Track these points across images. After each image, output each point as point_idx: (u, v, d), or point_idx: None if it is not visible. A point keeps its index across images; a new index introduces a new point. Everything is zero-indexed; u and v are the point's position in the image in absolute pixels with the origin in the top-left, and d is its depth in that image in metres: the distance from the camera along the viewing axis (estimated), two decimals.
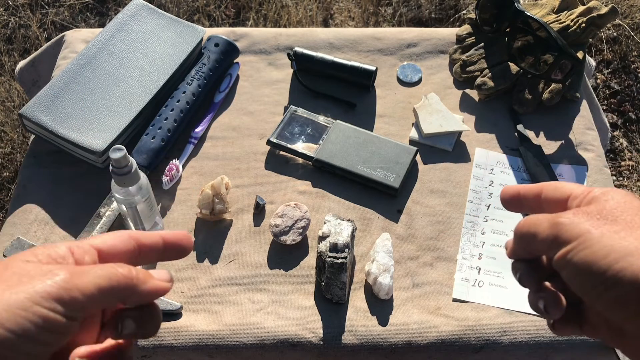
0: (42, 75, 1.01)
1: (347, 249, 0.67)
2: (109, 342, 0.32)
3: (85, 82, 0.83)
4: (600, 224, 0.31)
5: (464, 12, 1.92)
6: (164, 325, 0.67)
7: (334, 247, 0.67)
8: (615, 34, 1.90)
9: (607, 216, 0.31)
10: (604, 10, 0.87)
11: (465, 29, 0.95)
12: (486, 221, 0.77)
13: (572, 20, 0.88)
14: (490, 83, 0.87)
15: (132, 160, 0.65)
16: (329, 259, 0.67)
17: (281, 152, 0.83)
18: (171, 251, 0.34)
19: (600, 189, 0.34)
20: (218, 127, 0.87)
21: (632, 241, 0.29)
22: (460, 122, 0.84)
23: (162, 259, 0.34)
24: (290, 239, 0.72)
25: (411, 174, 0.81)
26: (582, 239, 0.31)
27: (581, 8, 0.89)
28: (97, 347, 0.31)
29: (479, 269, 0.73)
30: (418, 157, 0.83)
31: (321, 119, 0.85)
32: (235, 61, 0.94)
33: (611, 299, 0.29)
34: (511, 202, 0.39)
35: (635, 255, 0.29)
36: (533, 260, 0.37)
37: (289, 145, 0.82)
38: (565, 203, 0.35)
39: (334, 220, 0.71)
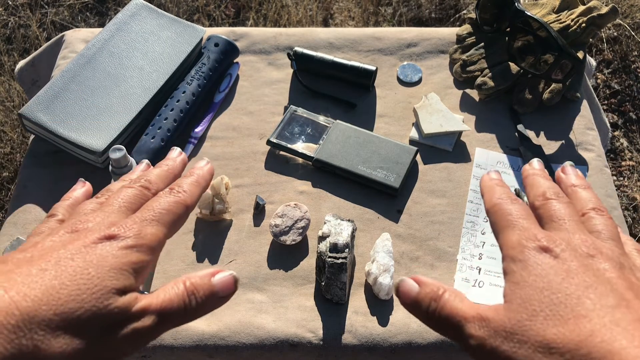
0: (42, 75, 1.01)
1: (347, 249, 0.67)
2: None
3: (85, 82, 0.83)
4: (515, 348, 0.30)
5: (464, 12, 1.92)
6: None
7: (334, 247, 0.67)
8: (615, 33, 1.90)
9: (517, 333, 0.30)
10: (604, 10, 0.86)
11: (465, 28, 0.95)
12: (486, 221, 0.77)
13: (572, 20, 0.88)
14: (490, 83, 0.87)
15: (132, 160, 0.65)
16: (329, 259, 0.66)
17: (281, 152, 0.83)
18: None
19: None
20: (218, 127, 0.87)
21: None
22: (460, 122, 0.84)
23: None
24: (290, 239, 0.72)
25: (411, 174, 0.81)
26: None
27: (581, 8, 0.89)
28: None
29: (479, 269, 0.72)
30: (418, 157, 0.83)
31: (321, 119, 0.85)
32: (235, 61, 0.94)
33: None
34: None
35: None
36: None
37: (289, 145, 0.82)
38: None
39: (334, 220, 0.71)
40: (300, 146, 0.82)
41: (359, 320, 0.68)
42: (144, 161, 0.41)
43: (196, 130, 0.85)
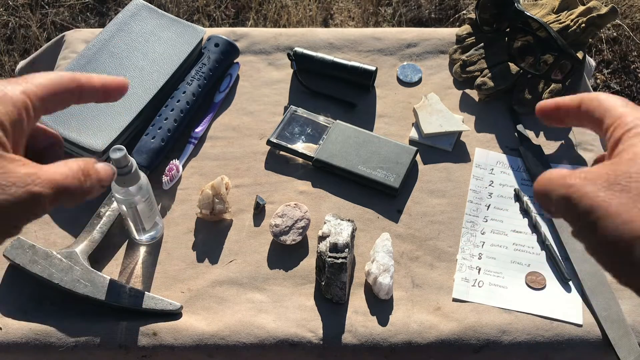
0: None
1: (347, 249, 0.67)
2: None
3: None
4: (612, 196, 0.29)
5: (464, 12, 1.92)
6: (164, 325, 0.67)
7: (334, 247, 0.67)
8: (615, 34, 1.90)
9: (620, 182, 0.29)
10: (603, 10, 0.87)
11: (465, 29, 0.95)
12: (486, 221, 0.77)
13: (572, 20, 0.88)
14: (490, 83, 0.87)
15: (132, 160, 0.65)
16: (329, 259, 0.67)
17: (281, 152, 0.83)
18: (106, 94, 0.40)
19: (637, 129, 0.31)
20: (218, 127, 0.87)
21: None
22: (460, 122, 0.85)
23: (99, 100, 0.39)
24: (290, 239, 0.72)
25: (411, 174, 0.81)
26: (597, 215, 0.28)
27: (581, 8, 0.89)
28: None
29: (479, 269, 0.73)
30: (418, 157, 0.83)
31: (321, 119, 0.85)
32: (235, 61, 0.94)
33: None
34: (551, 116, 0.37)
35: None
36: None
37: (289, 145, 0.82)
38: (600, 125, 0.33)
39: (334, 220, 0.71)
40: (300, 146, 0.82)
41: (358, 320, 0.68)
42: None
43: (196, 130, 0.85)
